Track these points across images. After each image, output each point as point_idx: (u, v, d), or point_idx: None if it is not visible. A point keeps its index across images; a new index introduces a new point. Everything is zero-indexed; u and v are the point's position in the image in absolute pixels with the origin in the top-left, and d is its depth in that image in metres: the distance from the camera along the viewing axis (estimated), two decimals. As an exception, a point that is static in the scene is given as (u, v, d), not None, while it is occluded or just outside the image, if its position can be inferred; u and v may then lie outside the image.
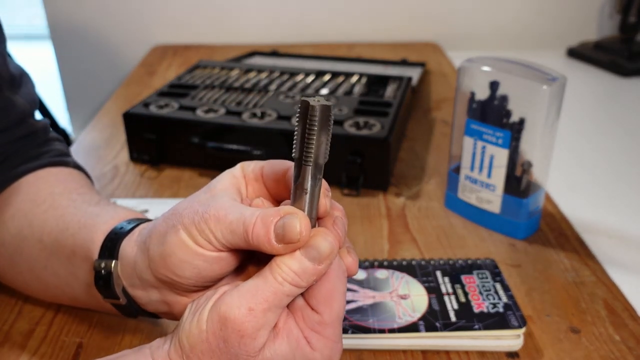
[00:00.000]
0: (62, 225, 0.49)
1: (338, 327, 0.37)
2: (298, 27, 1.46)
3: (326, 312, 0.36)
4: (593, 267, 0.62)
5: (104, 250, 0.44)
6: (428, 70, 1.24)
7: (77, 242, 0.47)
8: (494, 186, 0.66)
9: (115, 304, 0.45)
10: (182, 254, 0.36)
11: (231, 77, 0.97)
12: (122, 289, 0.44)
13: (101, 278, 0.44)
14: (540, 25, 1.47)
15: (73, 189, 0.53)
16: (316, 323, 0.36)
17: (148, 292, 0.42)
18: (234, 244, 0.35)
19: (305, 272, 0.34)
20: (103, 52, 1.48)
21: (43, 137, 0.58)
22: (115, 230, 0.45)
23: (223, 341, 0.34)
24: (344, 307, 0.37)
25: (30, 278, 0.52)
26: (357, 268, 0.38)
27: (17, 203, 0.52)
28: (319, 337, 0.36)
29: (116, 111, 1.05)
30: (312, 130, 0.32)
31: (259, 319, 0.34)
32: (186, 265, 0.37)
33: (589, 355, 0.50)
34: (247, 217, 0.34)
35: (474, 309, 0.52)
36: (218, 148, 0.78)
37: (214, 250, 0.36)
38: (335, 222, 0.36)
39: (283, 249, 0.34)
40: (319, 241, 0.34)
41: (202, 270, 0.37)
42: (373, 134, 0.75)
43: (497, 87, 0.63)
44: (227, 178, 0.40)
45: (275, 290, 0.34)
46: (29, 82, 0.57)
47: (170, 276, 0.38)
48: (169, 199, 0.76)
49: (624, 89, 1.19)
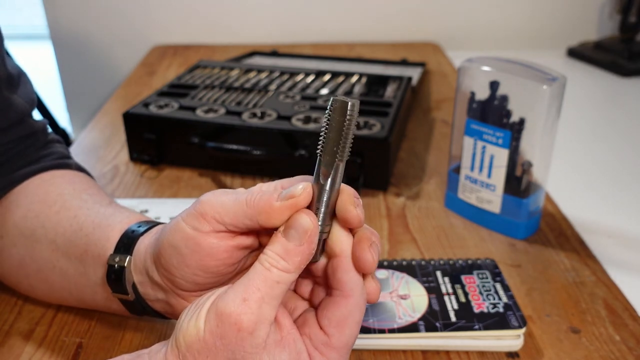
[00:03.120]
0: (75, 225, 0.50)
1: (345, 353, 0.36)
2: (298, 27, 1.46)
3: (335, 335, 0.35)
4: (593, 267, 0.62)
5: (119, 246, 0.46)
6: (428, 70, 1.24)
7: (91, 241, 0.48)
8: (494, 186, 0.66)
9: (123, 300, 0.46)
10: (179, 240, 0.38)
11: (231, 77, 0.97)
12: (132, 285, 0.45)
13: (113, 272, 0.45)
14: (541, 26, 1.47)
15: (82, 189, 0.54)
16: (322, 344, 0.36)
17: (155, 291, 0.43)
18: (234, 218, 0.36)
19: (288, 253, 0.34)
20: (103, 52, 1.48)
21: (43, 139, 0.58)
22: (132, 228, 0.47)
23: (220, 338, 0.33)
24: (355, 336, 0.36)
25: (36, 280, 0.52)
26: (378, 295, 0.38)
27: (27, 205, 0.52)
28: (322, 357, 0.35)
29: (116, 111, 1.05)
30: (350, 127, 0.34)
31: (254, 309, 0.33)
32: (176, 251, 0.38)
33: (589, 355, 0.50)
34: (247, 193, 0.36)
35: (474, 309, 0.52)
36: (218, 148, 0.78)
37: (211, 231, 0.37)
38: (371, 246, 0.36)
39: (283, 206, 0.35)
40: (296, 219, 0.35)
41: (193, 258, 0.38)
42: (373, 134, 0.75)
43: (497, 87, 0.63)
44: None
45: (265, 277, 0.34)
46: (27, 81, 0.57)
47: (167, 267, 0.39)
48: (169, 199, 0.76)
49: (624, 89, 1.19)
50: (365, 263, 0.36)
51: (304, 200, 0.35)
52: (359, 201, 0.36)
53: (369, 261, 0.36)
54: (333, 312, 0.36)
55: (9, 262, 0.53)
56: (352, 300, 0.36)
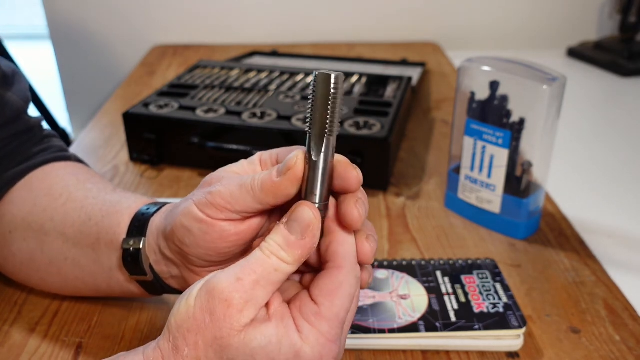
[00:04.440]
0: (84, 216, 0.50)
1: (336, 326, 0.35)
2: (298, 27, 1.46)
3: (325, 304, 0.35)
4: (593, 267, 0.62)
5: (131, 229, 0.47)
6: (428, 70, 1.24)
7: (102, 229, 0.49)
8: (494, 186, 0.66)
9: (141, 281, 0.48)
10: (192, 222, 0.39)
11: (231, 77, 0.97)
12: (149, 266, 0.46)
13: (130, 255, 0.46)
14: (541, 26, 1.47)
15: (85, 179, 0.54)
16: (312, 314, 0.35)
17: (169, 267, 0.45)
18: (245, 206, 0.37)
19: (289, 244, 0.34)
20: (103, 52, 1.48)
21: (40, 134, 0.58)
22: (142, 211, 0.47)
23: (209, 314, 0.33)
24: (346, 308, 0.35)
25: (48, 273, 0.52)
26: (372, 256, 0.37)
27: (32, 199, 0.53)
28: (312, 329, 0.35)
29: (116, 111, 1.05)
30: (335, 100, 0.34)
31: (247, 289, 0.33)
32: (189, 232, 0.39)
33: (589, 355, 0.50)
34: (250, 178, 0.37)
35: (474, 309, 0.52)
36: (218, 148, 0.78)
37: (223, 218, 0.38)
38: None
39: (283, 180, 0.35)
40: (299, 212, 0.35)
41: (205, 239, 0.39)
42: (373, 134, 0.75)
43: (497, 87, 0.63)
44: (238, 166, 0.41)
45: (263, 263, 0.34)
46: (22, 79, 0.58)
47: (180, 246, 0.41)
48: (169, 198, 0.76)
49: (624, 89, 1.19)
50: (351, 218, 0.35)
51: (299, 169, 0.35)
52: (355, 168, 0.36)
53: (355, 216, 0.35)
54: (324, 282, 0.35)
55: (20, 256, 0.53)
56: (344, 270, 0.36)
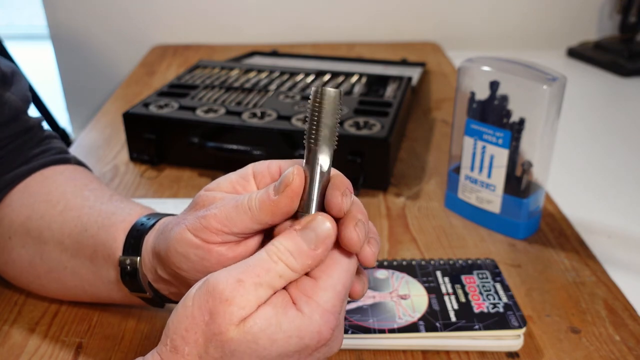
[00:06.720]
0: (80, 226, 0.50)
1: (335, 297, 0.34)
2: (298, 27, 1.46)
3: (322, 277, 0.34)
4: (593, 267, 0.62)
5: (127, 247, 0.46)
6: (428, 70, 1.24)
7: (98, 242, 0.48)
8: (494, 186, 0.66)
9: (142, 297, 0.47)
10: (187, 248, 0.38)
11: (231, 77, 0.97)
12: (148, 283, 0.46)
13: (127, 274, 0.45)
14: (540, 25, 1.47)
15: (83, 185, 0.54)
16: (309, 287, 0.34)
17: (167, 285, 0.44)
18: (242, 227, 0.36)
19: (301, 253, 0.33)
20: (103, 52, 1.48)
21: (40, 135, 0.58)
22: (136, 227, 0.46)
23: (209, 313, 0.32)
24: (343, 282, 0.34)
25: (48, 280, 0.52)
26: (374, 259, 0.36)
27: (31, 204, 0.52)
28: (309, 300, 0.33)
29: (116, 111, 1.05)
30: (332, 114, 0.34)
31: (249, 290, 0.32)
32: (185, 258, 0.38)
33: (589, 355, 0.50)
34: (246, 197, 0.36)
35: (474, 309, 0.52)
36: (218, 148, 0.78)
37: (219, 242, 0.37)
38: (357, 225, 0.35)
39: (282, 198, 0.34)
40: (317, 223, 0.34)
41: (203, 264, 0.38)
42: (373, 134, 0.75)
43: (497, 87, 0.63)
44: (226, 182, 0.40)
45: (268, 268, 0.33)
46: (22, 79, 0.58)
47: (177, 271, 0.40)
48: (169, 199, 0.76)
49: (624, 89, 1.19)
50: (350, 241, 0.34)
51: (298, 185, 0.34)
52: (347, 191, 0.35)
53: (354, 240, 0.34)
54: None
55: (19, 262, 0.53)
56: (341, 248, 0.35)
